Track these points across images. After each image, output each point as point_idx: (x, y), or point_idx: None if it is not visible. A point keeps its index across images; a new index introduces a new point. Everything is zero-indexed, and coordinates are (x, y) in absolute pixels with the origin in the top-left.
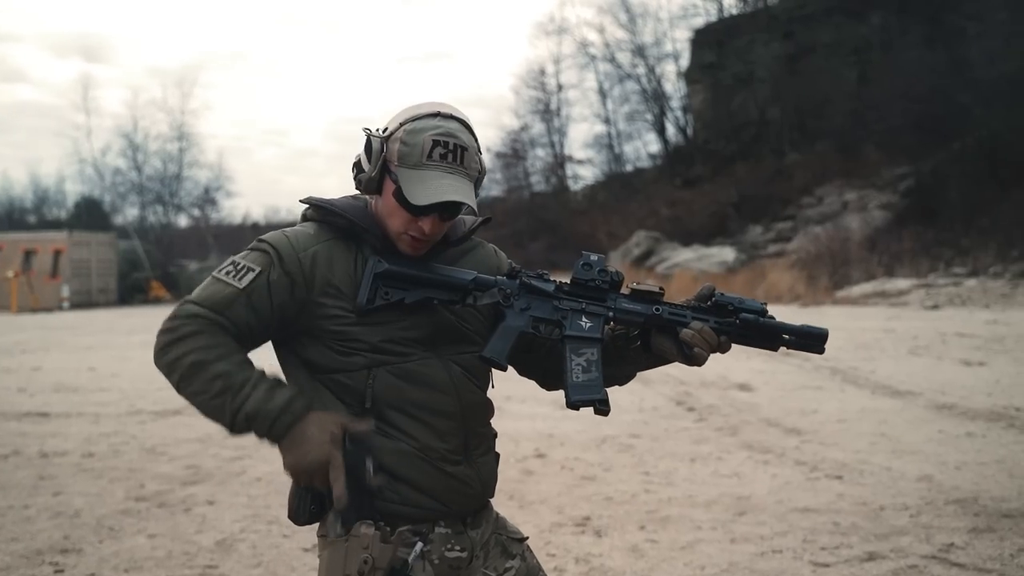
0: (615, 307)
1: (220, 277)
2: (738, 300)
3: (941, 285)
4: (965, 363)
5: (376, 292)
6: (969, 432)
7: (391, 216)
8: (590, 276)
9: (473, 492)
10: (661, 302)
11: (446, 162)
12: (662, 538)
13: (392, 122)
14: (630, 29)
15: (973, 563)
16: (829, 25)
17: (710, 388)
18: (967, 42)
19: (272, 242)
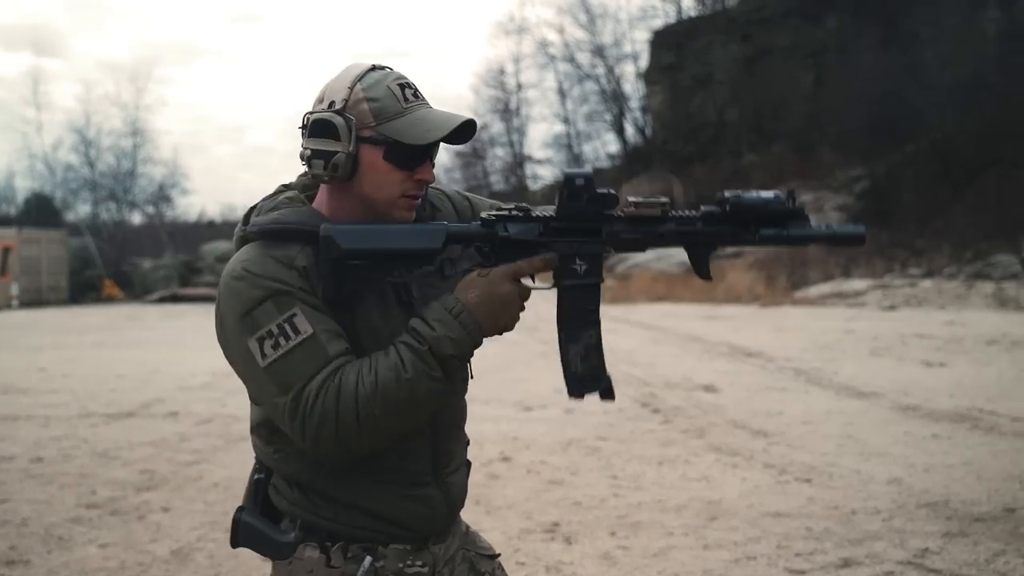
0: (613, 239)
1: (282, 352)
2: (761, 204)
3: (897, 286)
4: (926, 364)
5: (339, 278)
6: (935, 434)
7: (382, 185)
8: (578, 207)
9: (438, 516)
10: (667, 220)
11: (419, 100)
12: (634, 545)
13: (333, 95)
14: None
15: (949, 568)
16: (786, 28)
17: (675, 389)
18: (921, 46)
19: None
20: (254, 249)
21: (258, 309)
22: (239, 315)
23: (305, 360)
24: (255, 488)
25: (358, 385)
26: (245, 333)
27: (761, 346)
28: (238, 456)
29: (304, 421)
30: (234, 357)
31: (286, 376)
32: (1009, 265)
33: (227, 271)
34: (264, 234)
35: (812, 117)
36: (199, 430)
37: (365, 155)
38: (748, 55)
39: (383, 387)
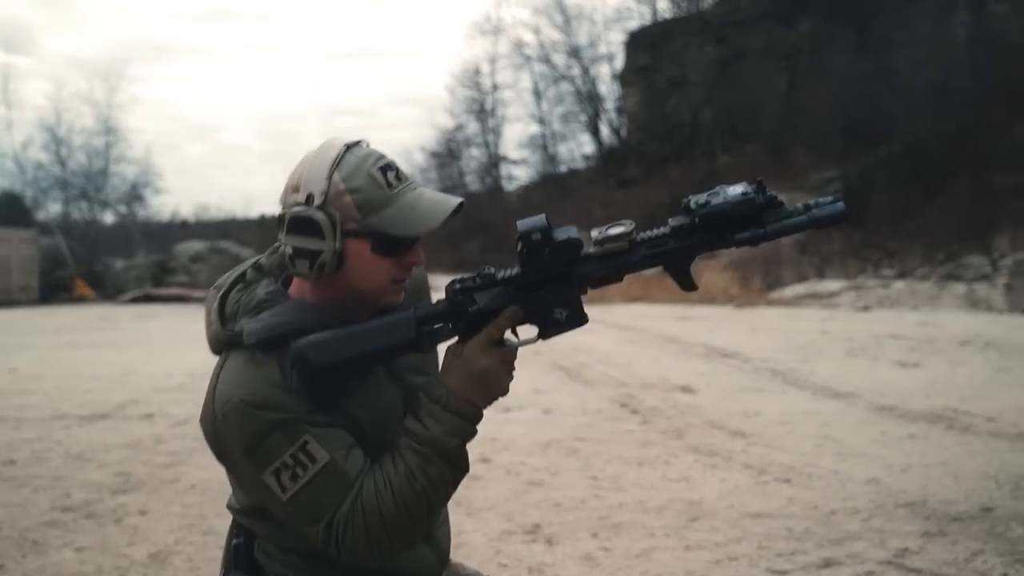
0: (586, 280)
1: (302, 483)
2: (731, 209)
3: (871, 287)
4: (900, 364)
5: (318, 392)
6: (911, 434)
7: (370, 276)
8: (540, 263)
9: (430, 571)
10: (638, 246)
11: (402, 182)
12: (615, 546)
13: (310, 186)
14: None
15: (929, 568)
16: (760, 31)
17: (652, 390)
18: (893, 50)
19: (266, 406)
20: (242, 367)
21: (267, 441)
22: (246, 449)
23: (328, 487)
24: (235, 553)
25: (380, 505)
26: (258, 468)
27: (737, 347)
28: (215, 458)
29: (339, 548)
30: (245, 482)
31: (312, 508)
32: (980, 266)
33: (222, 394)
34: (267, 343)
35: (786, 119)
36: (175, 432)
37: (351, 248)
38: (723, 57)
39: (402, 501)
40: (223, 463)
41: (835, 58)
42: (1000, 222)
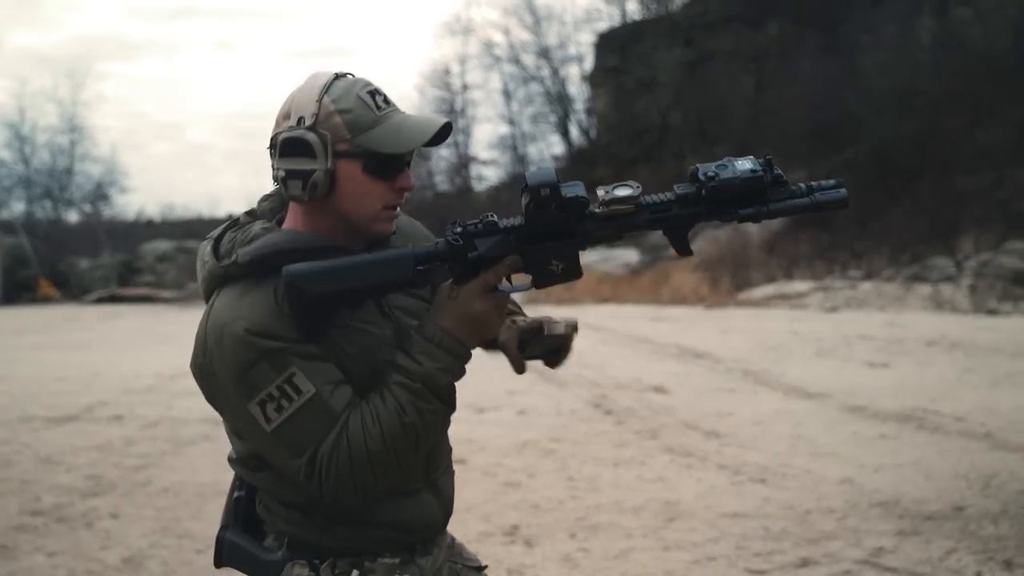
0: (587, 238)
1: (287, 415)
2: (738, 185)
3: (838, 288)
4: (870, 365)
5: (310, 319)
6: (882, 434)
7: (362, 200)
8: (548, 217)
9: (432, 520)
10: (642, 209)
11: (390, 106)
12: (594, 547)
13: (301, 110)
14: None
15: (904, 567)
16: (728, 33)
17: (626, 390)
18: (859, 53)
19: (257, 332)
20: (236, 297)
21: (253, 371)
22: (234, 379)
23: (312, 421)
24: (236, 506)
25: (367, 440)
26: (243, 397)
27: (708, 347)
28: (187, 460)
29: (322, 484)
30: (232, 414)
31: (295, 439)
32: (945, 268)
33: (215, 322)
34: (255, 263)
35: (754, 121)
36: (145, 434)
37: (343, 169)
38: (691, 59)
39: (390, 437)
40: (215, 406)
41: (802, 61)
42: (963, 224)
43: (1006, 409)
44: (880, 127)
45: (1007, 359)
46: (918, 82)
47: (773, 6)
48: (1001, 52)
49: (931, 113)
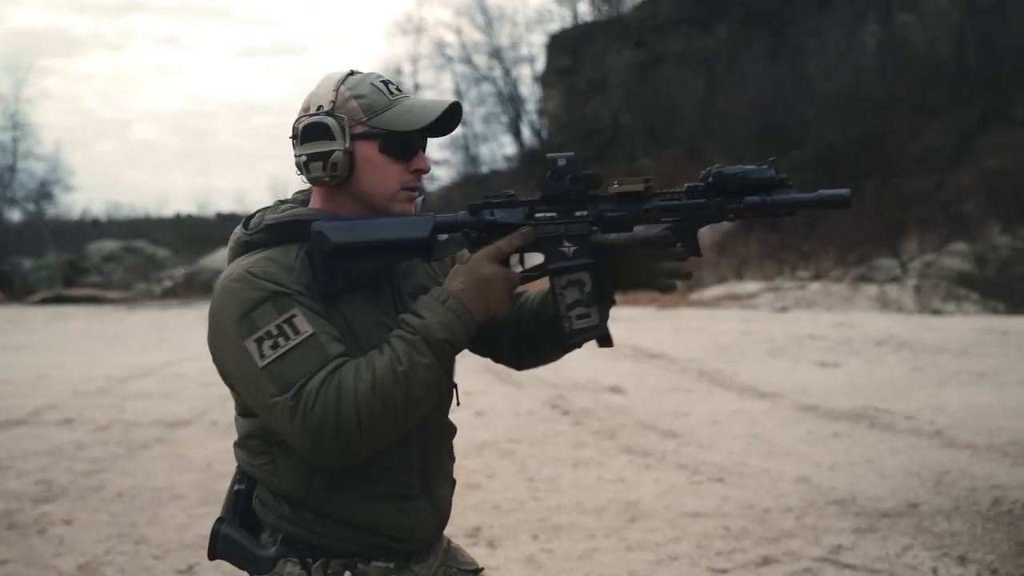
0: (598, 217)
1: (281, 352)
2: (741, 175)
3: (788, 288)
4: (821, 364)
5: (332, 273)
6: (836, 432)
7: (379, 180)
8: (562, 188)
9: (425, 530)
10: (651, 197)
11: (402, 92)
12: (557, 548)
13: (318, 100)
14: (487, 32)
15: (863, 564)
16: (679, 35)
17: (582, 391)
18: (806, 57)
19: (266, 277)
20: (255, 254)
21: (256, 311)
22: (236, 317)
23: (305, 359)
24: (235, 499)
25: (356, 383)
26: (242, 334)
27: (663, 347)
28: (141, 464)
29: (304, 420)
30: (228, 360)
31: (285, 375)
32: (890, 268)
33: (225, 275)
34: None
35: (703, 122)
36: (97, 437)
37: (361, 151)
38: (642, 61)
39: (380, 383)
40: (221, 367)
41: (751, 64)
42: (908, 226)
43: (954, 408)
44: (827, 130)
45: (953, 358)
46: (863, 86)
47: (722, 10)
48: (943, 58)
49: (876, 117)
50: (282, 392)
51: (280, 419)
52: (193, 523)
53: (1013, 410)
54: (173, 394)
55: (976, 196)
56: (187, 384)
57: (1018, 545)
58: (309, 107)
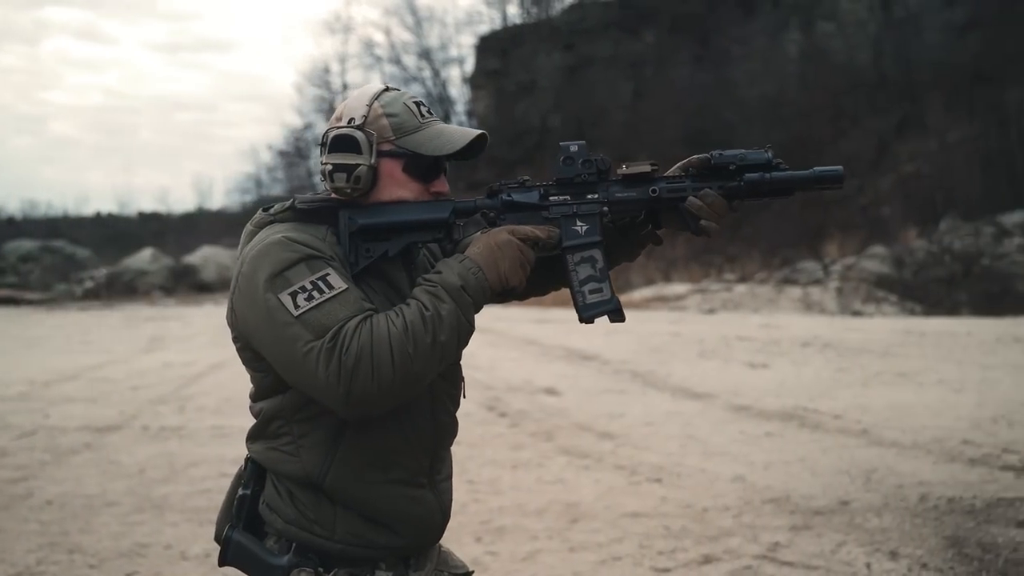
0: (609, 199)
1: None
2: (739, 157)
3: (715, 290)
4: (750, 365)
5: (357, 252)
6: (767, 432)
7: (399, 196)
8: (574, 171)
9: (434, 522)
10: (657, 180)
11: (433, 116)
12: (501, 550)
13: (352, 112)
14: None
15: (800, 560)
16: (607, 40)
17: (518, 393)
18: (731, 63)
19: (301, 241)
20: (285, 225)
21: (291, 270)
22: (270, 275)
23: (340, 307)
24: (239, 504)
25: (389, 326)
26: (276, 290)
27: (595, 349)
28: (70, 471)
29: (340, 361)
30: (257, 319)
31: (323, 320)
32: (813, 271)
33: (256, 241)
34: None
35: (631, 126)
36: (22, 444)
37: (385, 168)
38: (570, 64)
39: (411, 325)
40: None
41: (678, 69)
42: (828, 229)
43: (879, 407)
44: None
45: (875, 358)
46: (786, 92)
47: (649, 15)
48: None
49: (798, 122)
50: (318, 337)
51: (315, 365)
52: (129, 531)
53: (934, 409)
54: (100, 398)
55: (893, 201)
56: (114, 388)
57: (946, 540)
58: (341, 117)
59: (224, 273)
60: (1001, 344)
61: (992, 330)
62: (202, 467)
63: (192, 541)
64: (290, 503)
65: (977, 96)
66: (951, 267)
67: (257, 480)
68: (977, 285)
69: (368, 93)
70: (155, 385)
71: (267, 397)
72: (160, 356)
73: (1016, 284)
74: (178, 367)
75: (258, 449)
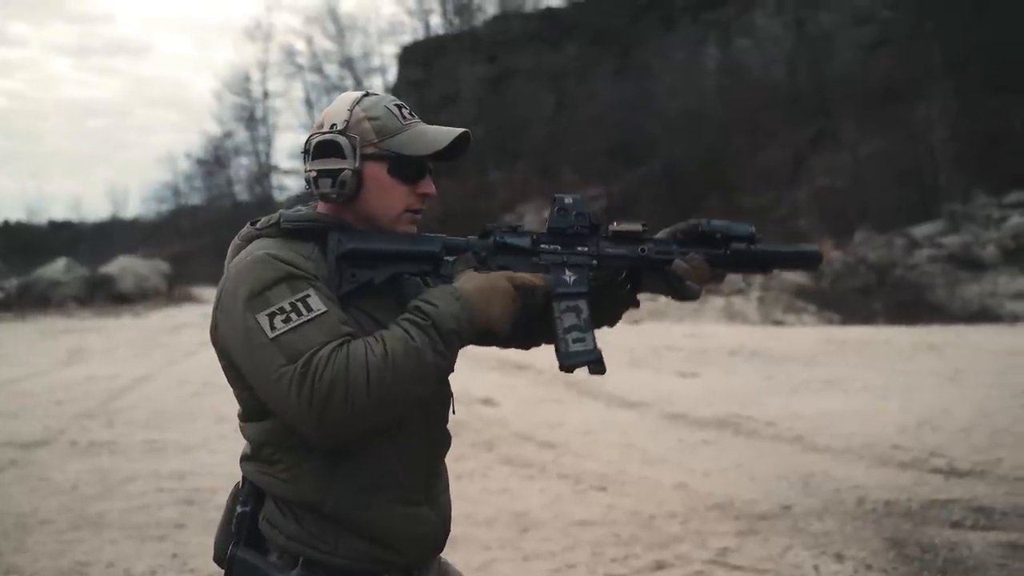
0: (598, 253)
1: (293, 325)
2: (725, 227)
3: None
4: (681, 374)
5: (342, 275)
6: (704, 440)
7: (386, 201)
8: (567, 223)
9: (433, 537)
10: (645, 240)
11: (415, 118)
12: (455, 561)
13: (333, 118)
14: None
15: (750, 564)
16: (529, 52)
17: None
18: (652, 77)
19: (284, 260)
20: (271, 240)
21: (272, 290)
22: (249, 294)
23: (316, 331)
24: (239, 522)
25: (368, 353)
26: (254, 310)
27: (528, 358)
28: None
29: (313, 387)
30: (236, 337)
31: (295, 346)
32: (735, 281)
33: (241, 256)
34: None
35: (553, 138)
36: None
37: (369, 171)
38: (493, 75)
39: (392, 354)
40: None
41: (599, 82)
42: None
43: (809, 413)
44: (672, 147)
45: (801, 367)
46: (705, 106)
47: (571, 28)
48: (777, 81)
49: (717, 136)
50: (291, 362)
51: (287, 390)
52: (67, 549)
53: (861, 415)
54: (22, 413)
55: (809, 213)
56: (36, 402)
57: (886, 541)
58: (323, 124)
59: (142, 284)
60: (918, 351)
61: (908, 338)
62: (138, 482)
63: (135, 559)
64: (293, 520)
65: (888, 112)
66: (866, 277)
67: (256, 497)
68: (891, 294)
69: (348, 99)
70: (80, 399)
71: (254, 420)
72: (82, 369)
73: (927, 293)
74: (102, 380)
75: (252, 471)
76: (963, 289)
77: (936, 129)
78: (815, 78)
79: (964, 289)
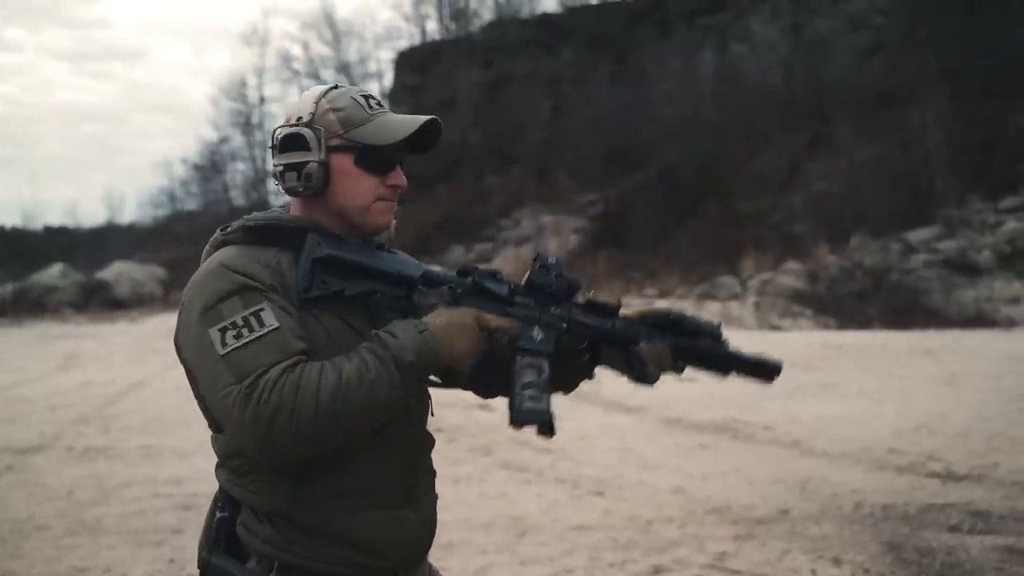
0: (569, 318)
1: (244, 341)
2: (694, 323)
3: (636, 305)
4: (678, 378)
5: (313, 280)
6: (702, 444)
7: (354, 193)
8: (547, 280)
9: (417, 539)
10: (616, 315)
11: (382, 108)
12: (452, 565)
13: (299, 112)
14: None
15: (748, 569)
16: (525, 57)
17: (452, 408)
18: (648, 82)
19: (239, 270)
20: (233, 249)
21: (225, 303)
22: (204, 307)
23: (266, 350)
24: (218, 527)
25: (321, 379)
26: (207, 323)
27: None
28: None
29: (257, 409)
30: (190, 350)
31: (244, 364)
32: (731, 286)
33: (203, 266)
34: (256, 229)
35: (550, 143)
36: None
37: (336, 163)
38: (490, 81)
39: (346, 383)
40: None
41: (596, 87)
42: (745, 246)
43: (807, 418)
44: (668, 153)
45: (797, 371)
46: (701, 111)
47: (567, 34)
48: (773, 86)
49: (713, 141)
50: (237, 381)
51: (232, 409)
52: (63, 555)
53: (857, 419)
54: (19, 418)
55: (805, 218)
56: (32, 407)
57: (884, 545)
58: (289, 118)
59: (138, 289)
60: (914, 356)
61: (904, 343)
62: (134, 488)
63: (132, 564)
64: (268, 524)
65: (883, 117)
66: (862, 282)
67: (233, 503)
68: (887, 299)
69: (315, 92)
70: (76, 404)
71: (221, 431)
72: (78, 375)
73: (923, 298)
74: (98, 386)
75: (224, 481)
76: (959, 294)
77: (931, 134)
78: (811, 84)
79: (960, 294)
